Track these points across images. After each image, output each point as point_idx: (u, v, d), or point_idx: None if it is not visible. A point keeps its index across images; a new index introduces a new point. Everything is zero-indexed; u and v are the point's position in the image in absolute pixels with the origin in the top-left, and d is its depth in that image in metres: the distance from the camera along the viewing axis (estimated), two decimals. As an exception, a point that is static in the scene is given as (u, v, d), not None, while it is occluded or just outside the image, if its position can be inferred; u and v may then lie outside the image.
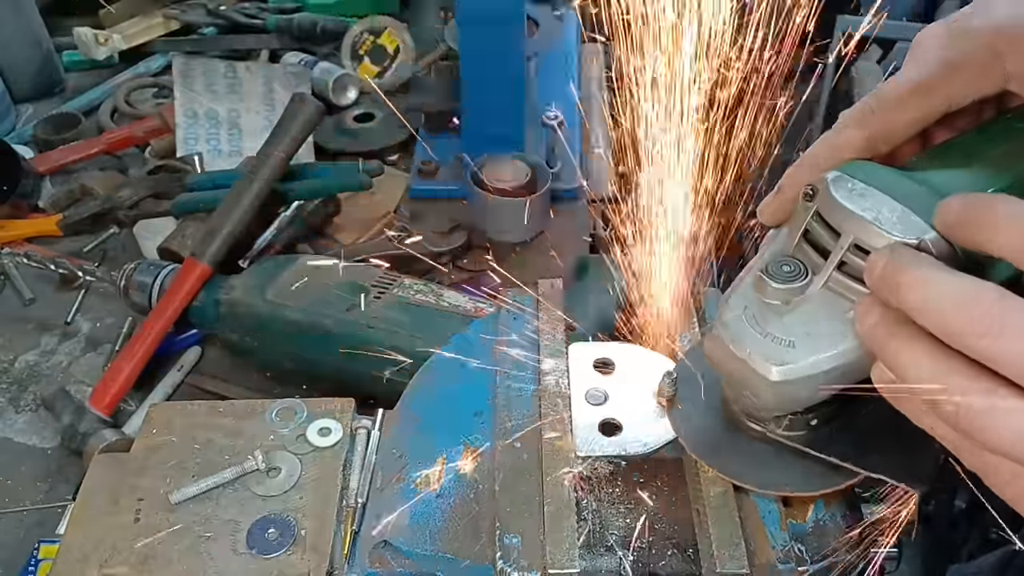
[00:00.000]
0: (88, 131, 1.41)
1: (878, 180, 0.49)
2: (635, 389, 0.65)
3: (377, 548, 0.62)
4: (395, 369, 0.91)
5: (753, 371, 0.52)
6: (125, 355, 1.00)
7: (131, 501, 0.64)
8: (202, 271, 1.02)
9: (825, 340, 0.50)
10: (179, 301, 1.01)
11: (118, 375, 0.99)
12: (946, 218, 0.45)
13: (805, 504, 0.60)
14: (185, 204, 1.17)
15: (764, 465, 0.58)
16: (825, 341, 0.50)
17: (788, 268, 0.52)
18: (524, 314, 0.72)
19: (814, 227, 0.52)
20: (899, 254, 0.44)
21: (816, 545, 0.59)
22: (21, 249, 1.19)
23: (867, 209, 0.48)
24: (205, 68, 1.37)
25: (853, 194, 0.49)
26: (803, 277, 0.51)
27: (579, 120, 1.41)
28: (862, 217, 0.48)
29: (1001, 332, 0.39)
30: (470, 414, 0.66)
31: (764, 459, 0.58)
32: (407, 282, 0.99)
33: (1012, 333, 0.39)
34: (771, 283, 0.51)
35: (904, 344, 0.43)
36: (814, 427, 0.57)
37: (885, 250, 0.45)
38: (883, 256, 0.44)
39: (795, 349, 0.51)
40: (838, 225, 0.50)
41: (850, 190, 0.49)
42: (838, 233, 0.50)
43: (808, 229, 0.52)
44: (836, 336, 0.50)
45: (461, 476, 0.63)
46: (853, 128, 0.55)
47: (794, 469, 0.58)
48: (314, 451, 0.67)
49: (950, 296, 0.41)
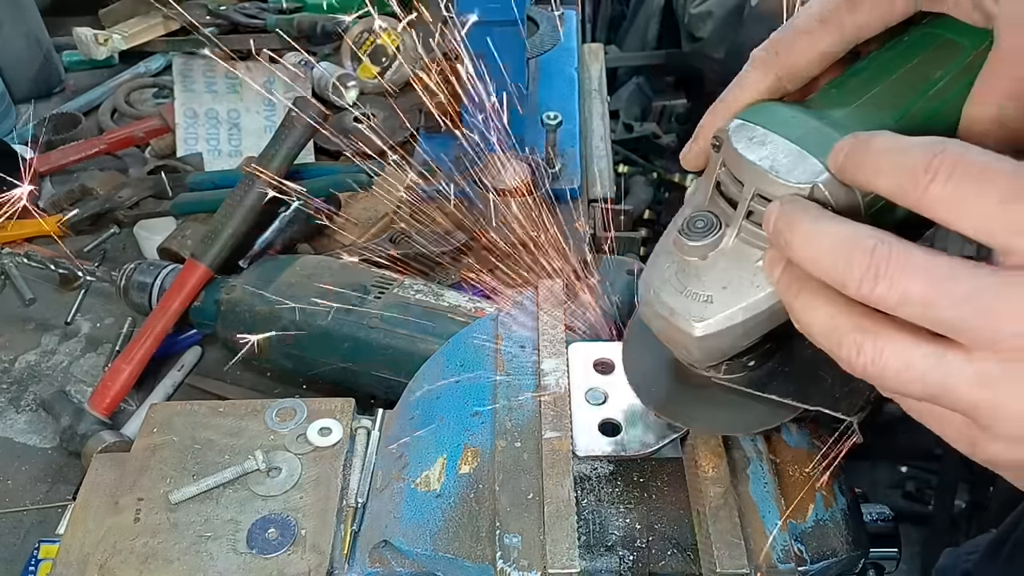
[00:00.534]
0: (88, 131, 1.41)
1: (776, 122, 0.50)
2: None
3: (377, 548, 0.62)
4: (395, 369, 0.92)
5: (677, 328, 0.53)
6: (124, 357, 1.00)
7: (131, 501, 0.64)
8: (203, 273, 1.02)
9: (741, 292, 0.52)
10: (179, 302, 1.01)
11: (117, 377, 0.99)
12: (835, 161, 0.45)
13: (804, 503, 0.60)
14: (185, 204, 1.17)
15: (713, 408, 0.60)
16: (741, 293, 0.51)
17: (702, 224, 0.52)
18: (524, 314, 0.72)
19: (723, 178, 0.52)
20: (788, 207, 0.45)
21: (816, 545, 0.59)
22: (21, 249, 1.19)
23: (764, 157, 0.48)
24: (205, 68, 1.37)
25: (753, 142, 0.49)
26: (717, 230, 0.52)
27: (579, 120, 1.41)
28: (759, 166, 0.48)
29: (877, 276, 0.40)
30: (470, 414, 0.66)
31: (714, 403, 0.60)
32: (407, 282, 0.99)
33: (889, 276, 0.40)
34: (687, 241, 0.52)
35: (806, 297, 0.45)
36: (752, 367, 0.58)
37: (776, 204, 0.46)
38: (774, 210, 0.46)
39: (713, 304, 0.52)
40: (740, 175, 0.50)
41: (750, 138, 0.50)
42: (742, 183, 0.50)
43: (719, 181, 0.53)
44: (751, 287, 0.51)
45: (461, 476, 0.63)
46: (758, 70, 0.54)
47: (744, 409, 0.59)
48: (314, 451, 0.67)
49: (828, 246, 0.42)
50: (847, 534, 0.60)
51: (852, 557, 0.60)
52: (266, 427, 0.69)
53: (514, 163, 1.21)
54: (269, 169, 1.08)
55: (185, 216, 1.17)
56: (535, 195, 1.06)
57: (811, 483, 0.61)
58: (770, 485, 0.60)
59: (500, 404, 0.66)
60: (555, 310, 0.72)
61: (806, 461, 0.63)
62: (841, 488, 0.63)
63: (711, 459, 0.60)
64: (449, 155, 1.35)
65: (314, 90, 1.44)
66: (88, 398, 0.98)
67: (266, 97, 1.38)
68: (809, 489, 0.61)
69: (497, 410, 0.65)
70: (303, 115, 1.10)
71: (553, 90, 1.47)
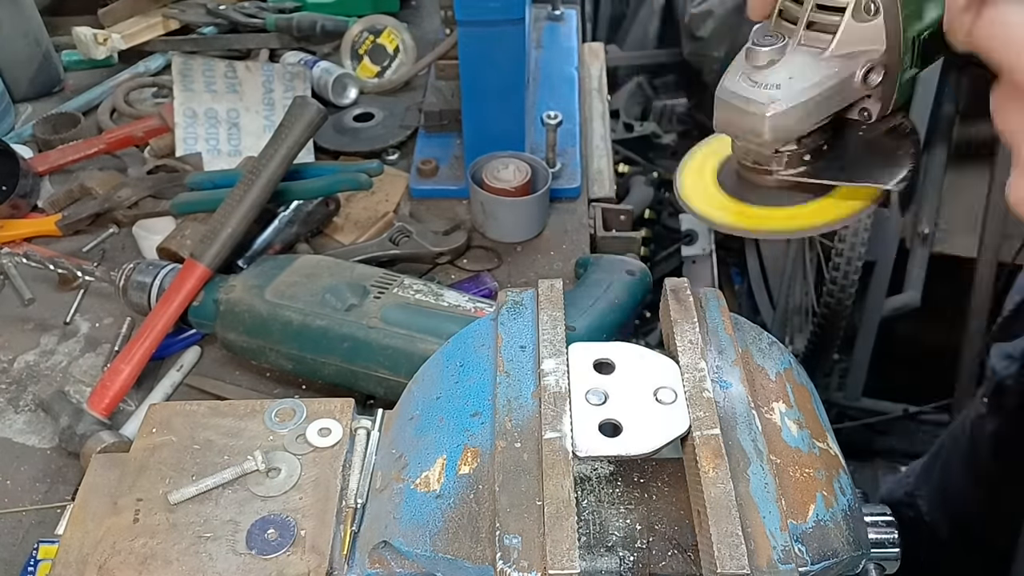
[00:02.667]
0: (87, 131, 1.41)
1: None
2: (635, 389, 0.65)
3: (376, 548, 0.62)
4: (394, 369, 0.91)
5: (751, 114, 0.66)
6: (123, 357, 1.00)
7: (130, 501, 0.64)
8: (202, 273, 1.02)
9: (804, 78, 0.65)
10: (178, 303, 1.01)
11: (116, 377, 0.98)
12: None
13: (805, 504, 0.60)
14: (185, 204, 1.17)
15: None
16: (804, 78, 0.65)
17: (770, 37, 0.66)
18: (524, 314, 0.72)
19: (786, 5, 0.67)
20: None
21: (816, 546, 0.59)
22: (20, 249, 1.19)
23: None
24: (204, 68, 1.37)
25: None
26: (782, 40, 0.66)
27: (579, 120, 1.41)
28: None
29: None
30: (470, 414, 0.66)
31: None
32: (407, 282, 0.99)
33: None
34: (757, 48, 0.66)
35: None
36: (808, 161, 0.72)
37: None
38: None
39: (781, 89, 0.65)
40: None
41: None
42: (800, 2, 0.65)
43: (781, 9, 0.67)
44: (813, 74, 0.65)
45: (461, 477, 0.63)
46: None
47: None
48: (314, 451, 0.67)
49: None
50: (848, 535, 0.60)
51: (853, 558, 0.60)
52: (265, 427, 0.68)
53: (514, 163, 1.21)
54: (279, 152, 1.08)
55: (184, 216, 1.17)
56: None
57: (812, 484, 0.61)
58: (771, 485, 0.60)
59: (500, 404, 0.65)
60: (555, 310, 0.71)
61: (807, 461, 0.63)
62: (842, 488, 0.63)
63: (711, 459, 0.60)
64: (449, 154, 1.35)
65: (314, 90, 1.44)
66: (87, 398, 0.98)
67: (265, 96, 1.38)
68: (810, 489, 0.61)
69: (497, 410, 0.65)
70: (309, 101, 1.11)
71: (553, 90, 1.47)
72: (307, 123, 1.10)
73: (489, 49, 1.13)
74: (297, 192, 1.16)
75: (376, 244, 1.17)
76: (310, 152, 1.33)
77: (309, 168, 1.21)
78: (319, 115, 1.11)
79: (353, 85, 1.48)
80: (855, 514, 0.61)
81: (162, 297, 1.02)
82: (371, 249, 1.16)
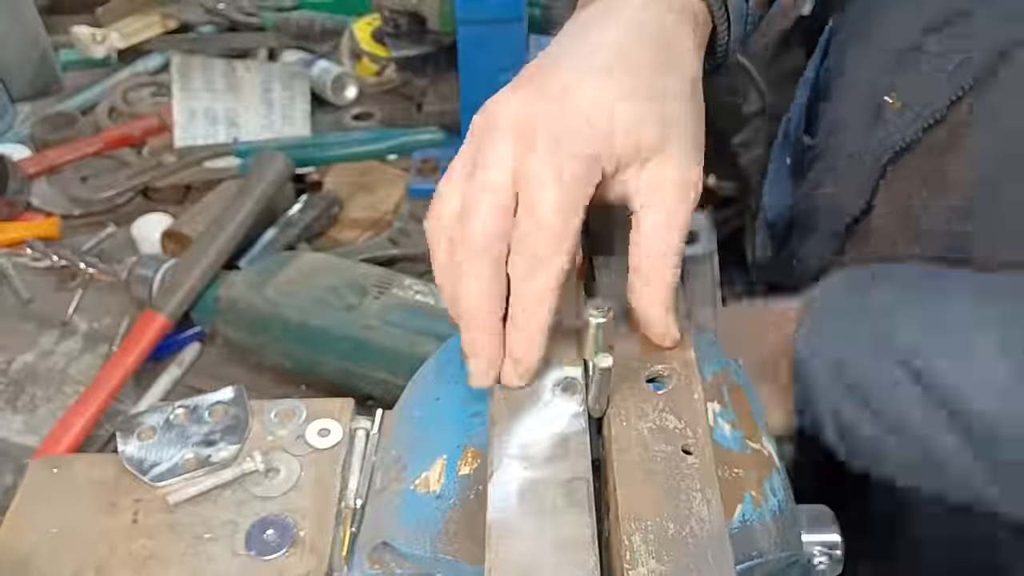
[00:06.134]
0: (85, 130, 1.41)
1: None
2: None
3: (376, 549, 0.61)
4: (394, 369, 0.91)
5: None
6: (76, 410, 0.95)
7: (129, 502, 0.63)
8: (162, 324, 1.00)
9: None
10: (136, 356, 0.99)
11: (67, 431, 0.93)
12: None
13: (732, 504, 0.58)
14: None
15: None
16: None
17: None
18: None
19: None
20: None
21: (739, 547, 0.57)
22: (18, 249, 1.18)
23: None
24: (203, 67, 1.36)
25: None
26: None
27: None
28: None
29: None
30: (470, 415, 0.66)
31: None
32: (407, 282, 0.99)
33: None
34: None
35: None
36: None
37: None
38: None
39: None
40: None
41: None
42: None
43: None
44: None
45: (461, 477, 0.62)
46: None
47: None
48: (313, 452, 0.66)
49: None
50: (776, 535, 0.58)
51: (781, 558, 0.58)
52: (265, 428, 0.68)
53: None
54: (245, 205, 1.08)
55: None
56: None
57: (741, 484, 0.59)
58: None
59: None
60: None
61: (738, 461, 0.61)
62: (773, 488, 0.61)
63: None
64: (449, 154, 1.34)
65: (313, 89, 1.44)
66: (33, 455, 0.92)
67: (264, 96, 1.37)
68: (738, 489, 0.60)
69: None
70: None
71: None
72: (274, 176, 1.10)
73: (489, 48, 1.13)
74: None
75: (376, 244, 1.17)
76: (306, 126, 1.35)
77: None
78: (287, 168, 1.12)
79: (352, 84, 1.48)
80: (786, 514, 0.60)
81: (120, 347, 1.01)
82: (371, 249, 1.16)
